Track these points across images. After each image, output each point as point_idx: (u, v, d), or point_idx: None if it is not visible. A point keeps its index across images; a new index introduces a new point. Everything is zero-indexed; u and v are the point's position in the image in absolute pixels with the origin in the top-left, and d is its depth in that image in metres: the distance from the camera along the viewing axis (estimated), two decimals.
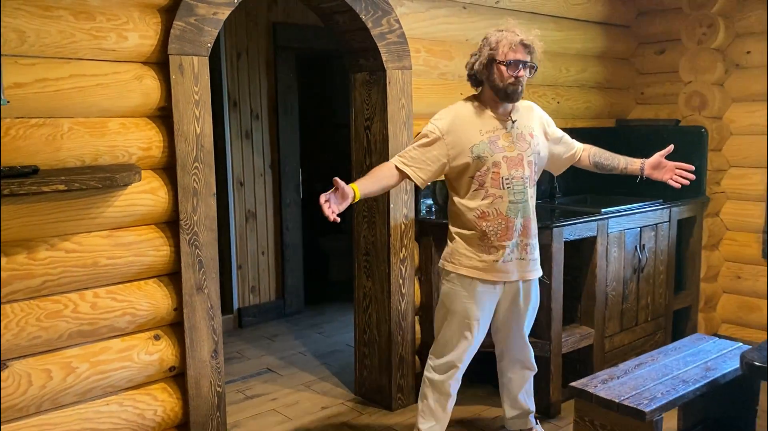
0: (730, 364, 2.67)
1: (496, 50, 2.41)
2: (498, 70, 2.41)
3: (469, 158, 2.45)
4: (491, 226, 2.48)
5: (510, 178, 2.47)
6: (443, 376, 2.65)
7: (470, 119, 2.49)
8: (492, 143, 2.46)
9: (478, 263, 2.50)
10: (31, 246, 2.23)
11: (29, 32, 2.16)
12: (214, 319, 2.64)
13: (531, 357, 2.81)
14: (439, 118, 2.53)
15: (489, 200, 2.46)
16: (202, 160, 2.55)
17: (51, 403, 2.31)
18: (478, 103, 2.53)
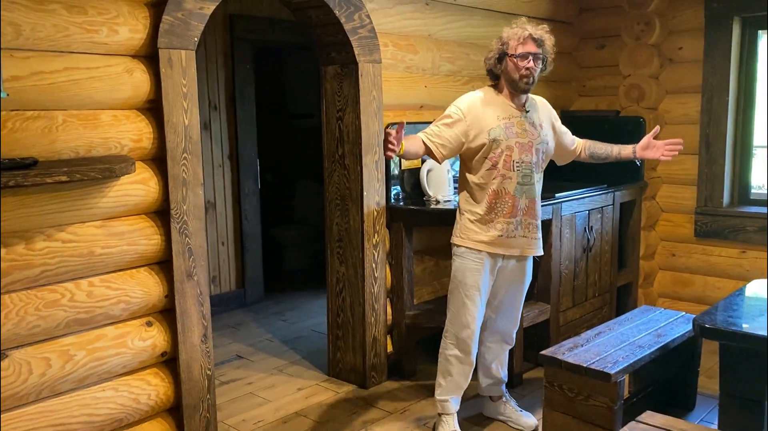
0: (677, 331, 2.98)
1: (507, 45, 2.62)
2: (511, 62, 2.62)
3: (486, 139, 2.66)
4: (499, 203, 2.70)
5: (520, 162, 2.69)
6: (466, 347, 2.82)
7: (489, 105, 2.71)
8: (507, 128, 2.68)
9: (485, 237, 2.72)
10: (29, 236, 2.26)
11: (24, 26, 2.19)
12: (203, 305, 2.73)
13: (514, 333, 3.00)
14: (461, 102, 2.73)
15: (499, 179, 2.68)
16: (191, 151, 2.63)
17: (50, 391, 2.35)
18: (496, 92, 2.74)
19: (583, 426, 2.63)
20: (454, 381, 2.86)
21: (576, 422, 2.66)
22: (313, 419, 3.14)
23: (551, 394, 2.73)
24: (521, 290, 2.91)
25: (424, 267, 3.75)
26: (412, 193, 3.60)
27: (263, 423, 3.11)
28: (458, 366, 2.85)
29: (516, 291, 2.90)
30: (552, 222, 3.57)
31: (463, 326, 2.80)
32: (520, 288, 2.90)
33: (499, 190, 2.69)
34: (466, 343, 2.82)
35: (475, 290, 2.76)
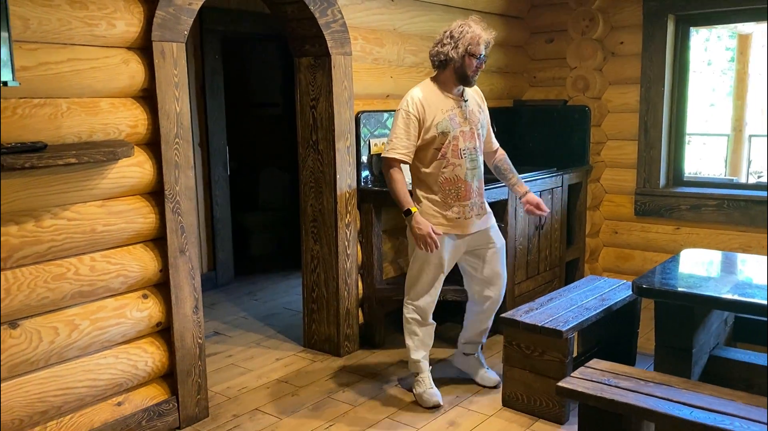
0: (620, 295, 3.36)
1: (473, 45, 2.88)
2: (468, 60, 2.89)
3: (435, 132, 2.94)
4: (453, 189, 2.98)
5: (466, 149, 2.98)
6: (424, 312, 3.12)
7: (434, 100, 2.97)
8: (451, 120, 2.95)
9: (444, 221, 3.00)
10: (38, 215, 2.45)
11: (32, 19, 2.37)
12: (194, 278, 2.96)
13: (502, 294, 3.22)
14: (410, 102, 2.96)
15: (450, 168, 2.96)
16: (182, 136, 2.85)
17: (58, 357, 2.55)
18: (436, 86, 3.00)
19: (538, 379, 2.98)
20: (420, 340, 3.16)
21: (532, 376, 3.00)
22: (294, 384, 3.41)
23: (510, 352, 3.07)
24: (497, 255, 3.16)
25: (392, 245, 4.05)
26: (380, 176, 3.88)
27: (247, 389, 3.36)
28: (420, 327, 3.15)
29: (493, 258, 3.15)
30: (508, 203, 3.90)
31: (424, 295, 3.10)
32: (493, 252, 3.15)
33: (451, 177, 2.97)
34: (424, 310, 3.12)
35: (433, 266, 3.04)
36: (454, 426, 2.96)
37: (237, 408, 3.15)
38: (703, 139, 9.71)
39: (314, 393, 3.30)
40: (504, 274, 3.22)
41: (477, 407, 3.13)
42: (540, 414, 3.00)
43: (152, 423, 2.86)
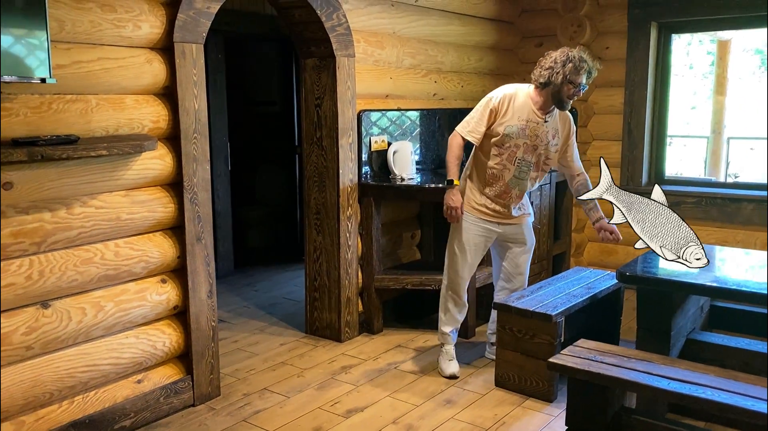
0: (604, 284, 3.60)
1: (573, 74, 3.08)
2: (567, 88, 3.12)
3: (501, 131, 3.21)
4: (495, 185, 3.28)
5: (521, 159, 3.24)
6: (458, 290, 3.42)
7: (517, 105, 3.22)
8: (521, 129, 3.21)
9: (480, 206, 3.31)
10: (69, 203, 2.63)
11: (67, 21, 2.55)
12: (209, 265, 3.15)
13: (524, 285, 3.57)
14: (499, 95, 3.24)
15: (500, 167, 3.25)
16: (200, 131, 3.04)
17: (85, 336, 2.74)
18: (531, 96, 3.23)
19: (529, 360, 3.21)
20: (452, 316, 3.47)
21: (523, 357, 3.23)
22: (298, 366, 3.61)
23: (503, 335, 3.30)
24: (525, 253, 3.48)
25: (390, 237, 4.26)
26: (379, 171, 4.10)
27: (255, 371, 3.56)
28: (453, 305, 3.45)
29: (521, 255, 3.47)
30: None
31: (455, 274, 3.40)
32: (522, 250, 3.47)
33: (497, 174, 3.26)
34: (456, 287, 3.42)
35: (466, 245, 3.34)
36: (451, 403, 3.18)
37: (247, 388, 3.35)
38: (683, 140, 10.03)
39: (318, 374, 3.51)
40: (526, 273, 3.55)
41: (472, 387, 3.35)
42: (530, 392, 3.23)
43: (169, 400, 3.06)
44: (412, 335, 4.07)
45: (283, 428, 2.95)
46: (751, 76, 11.06)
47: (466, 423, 2.99)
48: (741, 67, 10.92)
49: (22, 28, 2.35)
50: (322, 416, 3.05)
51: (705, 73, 11.06)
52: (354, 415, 3.06)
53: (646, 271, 2.98)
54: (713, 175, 8.58)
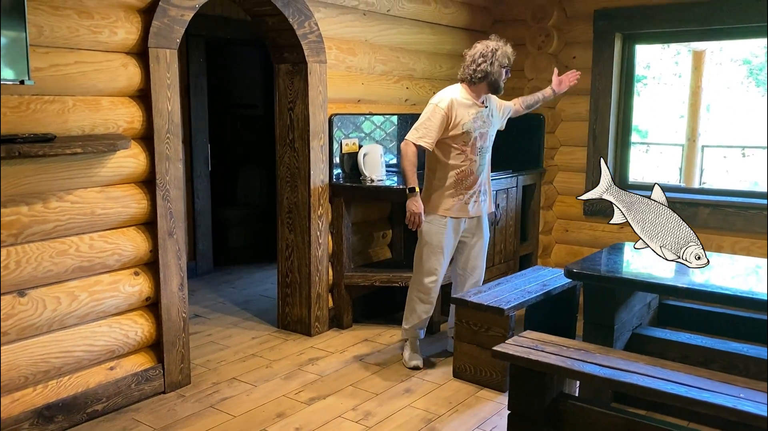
0: (559, 282, 3.78)
1: (504, 59, 3.40)
2: (503, 73, 3.42)
3: (460, 131, 3.42)
4: (465, 180, 3.49)
5: (481, 147, 3.50)
6: (427, 291, 3.60)
7: (463, 103, 3.45)
8: (474, 122, 3.45)
9: (450, 205, 3.50)
10: (45, 197, 2.80)
11: (45, 27, 2.72)
12: (181, 259, 3.32)
13: (481, 281, 3.78)
14: (441, 100, 3.44)
15: (468, 162, 3.48)
16: (173, 132, 3.21)
17: (59, 324, 2.90)
18: (466, 93, 3.48)
19: (483, 352, 3.39)
20: (418, 316, 3.65)
21: (479, 349, 3.41)
22: (268, 358, 3.78)
23: (460, 329, 3.47)
24: (482, 245, 3.70)
25: (361, 236, 4.44)
26: (350, 173, 4.27)
27: (225, 362, 3.72)
28: (421, 305, 3.63)
29: (478, 248, 3.68)
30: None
31: (427, 275, 3.58)
32: (480, 243, 3.68)
33: (466, 170, 3.48)
34: (427, 288, 3.60)
35: (438, 248, 3.53)
36: (410, 392, 3.35)
37: (216, 377, 3.51)
38: (660, 148, 10.26)
39: (286, 365, 3.67)
40: (483, 266, 3.76)
41: (431, 378, 3.53)
42: (485, 383, 3.41)
43: (140, 387, 3.21)
44: (380, 330, 4.24)
45: (247, 414, 3.11)
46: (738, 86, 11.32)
47: (421, 409, 3.16)
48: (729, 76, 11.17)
49: (4, 33, 2.51)
50: (285, 403, 3.22)
51: None
52: (316, 402, 3.23)
53: (591, 268, 3.16)
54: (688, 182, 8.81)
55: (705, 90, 8.56)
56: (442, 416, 3.10)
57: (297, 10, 3.75)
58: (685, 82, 11.37)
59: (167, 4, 3.11)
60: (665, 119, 10.91)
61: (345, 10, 4.13)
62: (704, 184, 8.53)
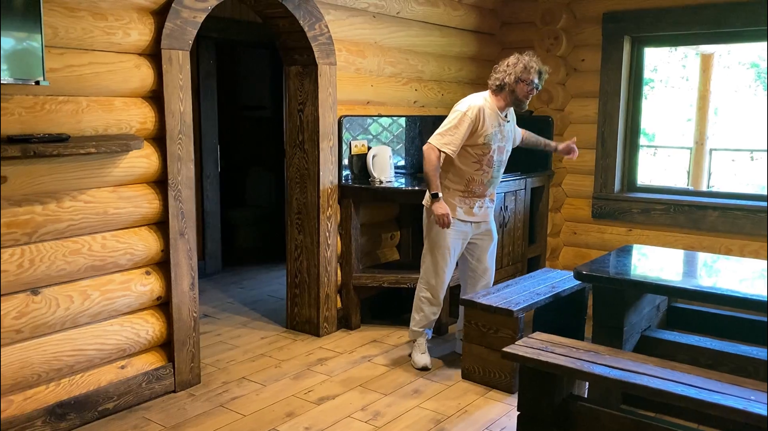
0: (568, 284, 3.79)
1: (524, 73, 3.38)
2: (523, 86, 3.40)
3: (482, 141, 3.44)
4: (474, 188, 3.51)
5: (497, 161, 3.52)
6: (435, 292, 3.62)
7: (487, 114, 3.45)
8: (495, 135, 3.46)
9: (459, 209, 3.52)
10: (59, 197, 2.82)
11: (60, 28, 2.75)
12: (192, 259, 3.34)
13: (491, 282, 3.79)
14: (473, 108, 3.41)
15: (481, 172, 3.49)
16: (185, 133, 3.23)
17: (72, 322, 2.92)
18: (492, 102, 3.48)
19: (492, 354, 3.39)
20: (425, 317, 3.67)
21: (487, 351, 3.42)
22: (277, 358, 3.79)
23: (469, 330, 3.48)
24: (492, 247, 3.72)
25: (369, 237, 4.45)
26: (359, 174, 4.29)
27: (234, 362, 3.74)
28: (428, 306, 3.65)
29: (488, 250, 3.70)
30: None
31: (435, 276, 3.60)
32: (490, 244, 3.70)
33: (478, 179, 3.50)
34: (435, 289, 3.62)
35: (446, 249, 3.55)
36: (417, 393, 3.36)
37: (226, 377, 3.53)
38: (668, 151, 10.24)
39: (295, 365, 3.69)
40: (493, 268, 3.78)
41: (439, 379, 3.54)
42: (494, 384, 3.41)
43: (151, 386, 3.24)
44: (388, 331, 4.26)
45: (257, 413, 3.13)
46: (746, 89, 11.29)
47: (430, 410, 3.17)
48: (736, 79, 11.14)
49: (20, 34, 2.54)
50: (295, 402, 3.24)
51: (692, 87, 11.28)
52: (325, 402, 3.25)
53: (600, 269, 3.17)
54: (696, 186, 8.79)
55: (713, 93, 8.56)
56: (450, 417, 3.11)
57: (308, 12, 3.77)
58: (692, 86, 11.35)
59: (180, 6, 3.14)
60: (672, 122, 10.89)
61: (355, 12, 4.15)
62: (712, 187, 8.51)
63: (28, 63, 2.59)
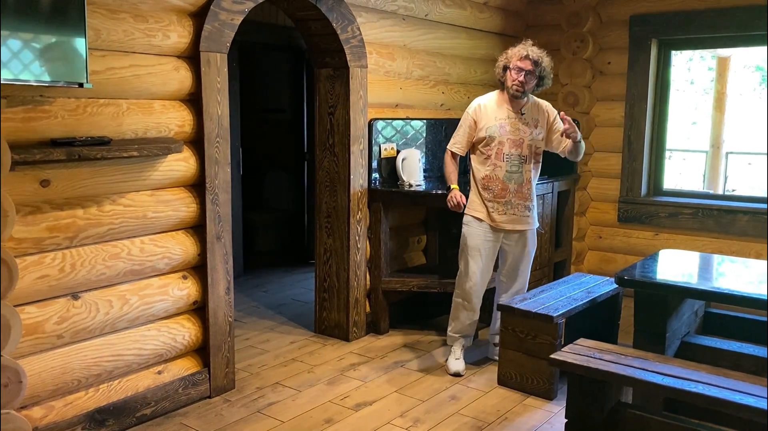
0: (603, 289, 3.75)
1: (509, 59, 3.36)
2: (509, 73, 3.37)
3: (484, 135, 3.43)
4: (490, 185, 3.46)
5: (510, 154, 3.44)
6: (468, 296, 3.57)
7: (491, 107, 3.47)
8: (501, 127, 3.43)
9: (482, 210, 3.50)
10: (100, 200, 2.80)
11: (102, 30, 2.72)
12: (227, 263, 3.31)
13: (524, 291, 3.73)
14: (473, 106, 3.53)
15: (491, 167, 3.45)
16: (222, 136, 3.20)
17: (111, 327, 2.89)
18: (498, 98, 3.50)
19: (530, 360, 3.36)
20: (461, 322, 3.64)
21: (525, 357, 3.38)
22: (309, 363, 3.76)
23: (506, 336, 3.45)
24: (525, 257, 3.63)
25: (397, 241, 4.42)
26: (388, 178, 4.26)
27: (267, 367, 3.71)
28: (463, 311, 3.61)
29: (520, 258, 3.62)
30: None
31: (466, 279, 3.56)
32: (522, 254, 3.61)
33: (491, 175, 3.45)
34: (468, 293, 3.57)
35: (475, 251, 3.52)
36: (455, 399, 3.33)
37: (260, 382, 3.50)
38: (683, 154, 10.20)
39: (328, 371, 3.66)
40: (527, 276, 3.71)
41: (475, 385, 3.50)
42: (531, 391, 3.38)
43: (187, 391, 3.20)
44: (418, 336, 4.22)
45: (295, 419, 3.09)
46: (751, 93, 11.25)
47: (470, 417, 3.13)
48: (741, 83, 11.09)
49: (63, 35, 2.52)
50: (332, 409, 3.20)
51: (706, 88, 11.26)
52: (363, 409, 3.21)
53: (644, 275, 3.14)
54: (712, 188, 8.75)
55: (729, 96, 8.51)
56: (491, 424, 3.07)
57: (341, 14, 3.74)
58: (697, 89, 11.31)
59: (218, 8, 3.11)
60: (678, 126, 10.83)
61: (385, 14, 4.12)
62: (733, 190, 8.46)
63: (72, 65, 2.56)
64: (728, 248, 4.72)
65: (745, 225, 4.65)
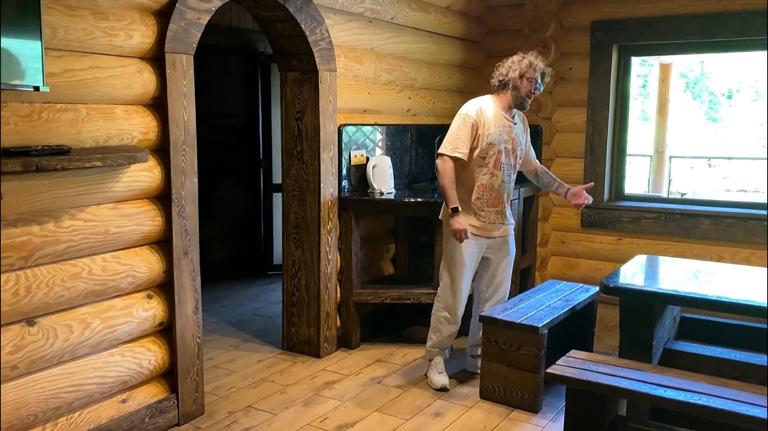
0: (580, 297, 3.70)
1: (530, 69, 3.25)
2: (526, 83, 3.26)
3: (485, 141, 3.29)
4: (486, 195, 3.34)
5: (505, 164, 3.35)
6: (453, 310, 3.45)
7: (491, 114, 3.33)
8: (500, 135, 3.32)
9: (474, 222, 3.35)
10: (57, 215, 2.53)
11: (59, 28, 2.47)
12: (195, 280, 3.08)
13: (506, 298, 3.62)
14: (473, 109, 3.34)
15: (489, 176, 3.33)
16: (189, 143, 2.98)
17: (71, 355, 2.62)
18: (495, 103, 3.36)
19: (514, 372, 3.27)
20: (442, 336, 3.50)
21: (509, 369, 3.29)
22: (280, 383, 3.56)
23: (488, 348, 3.34)
24: (508, 263, 3.55)
25: (367, 251, 4.27)
26: (357, 186, 4.10)
27: (236, 389, 3.49)
28: (446, 325, 3.48)
29: (504, 265, 3.54)
30: None
31: (453, 294, 3.43)
32: (506, 261, 3.53)
33: (487, 184, 3.34)
34: (453, 308, 3.45)
35: (463, 266, 3.38)
36: (440, 416, 3.20)
37: (230, 406, 3.28)
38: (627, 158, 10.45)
39: (302, 390, 3.46)
40: (508, 283, 3.62)
41: (457, 400, 3.38)
42: (516, 404, 3.28)
43: (154, 420, 2.96)
44: (390, 349, 4.08)
45: None
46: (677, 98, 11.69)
47: None
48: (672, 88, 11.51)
49: (16, 35, 2.26)
50: None
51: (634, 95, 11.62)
52: (345, 430, 3.04)
53: (630, 283, 3.09)
54: (656, 192, 8.95)
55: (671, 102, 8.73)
56: None
57: (309, 15, 3.57)
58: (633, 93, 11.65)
59: (184, 6, 2.89)
60: None
61: (353, 16, 3.97)
62: (684, 194, 8.70)
63: (26, 66, 2.30)
64: (690, 251, 4.78)
65: (706, 229, 4.72)
